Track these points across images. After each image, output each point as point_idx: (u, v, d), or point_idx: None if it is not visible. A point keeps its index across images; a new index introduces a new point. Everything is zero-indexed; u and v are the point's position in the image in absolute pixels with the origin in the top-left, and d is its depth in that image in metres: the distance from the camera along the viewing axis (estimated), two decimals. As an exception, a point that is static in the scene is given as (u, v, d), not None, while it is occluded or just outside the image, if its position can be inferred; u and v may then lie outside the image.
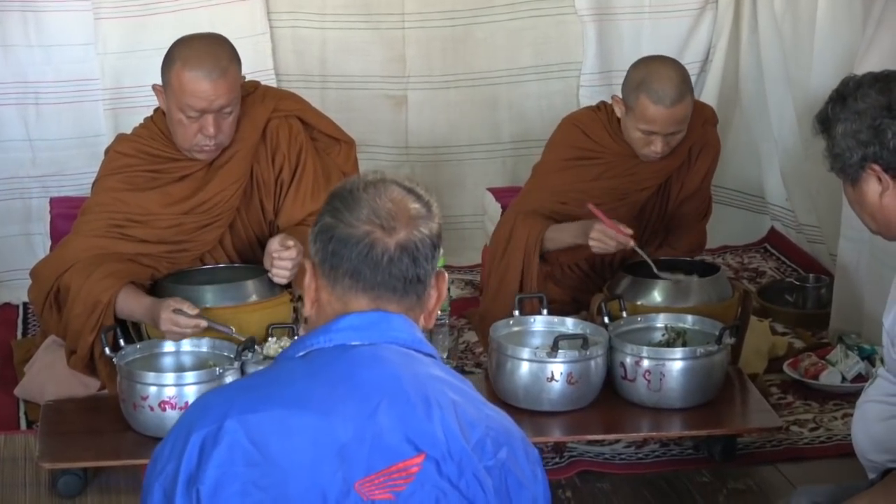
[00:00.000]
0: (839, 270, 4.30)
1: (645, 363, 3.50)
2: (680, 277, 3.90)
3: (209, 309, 3.54)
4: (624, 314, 3.71)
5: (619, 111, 4.00)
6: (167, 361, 3.51)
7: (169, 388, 3.31)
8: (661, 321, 3.71)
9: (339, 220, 1.89)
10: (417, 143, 5.17)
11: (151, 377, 3.33)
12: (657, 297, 3.82)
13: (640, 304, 3.79)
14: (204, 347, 3.51)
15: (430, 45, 5.10)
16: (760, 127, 5.13)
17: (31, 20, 4.71)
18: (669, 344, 3.64)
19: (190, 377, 3.34)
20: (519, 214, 4.07)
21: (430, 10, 5.06)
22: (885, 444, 2.68)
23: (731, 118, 5.19)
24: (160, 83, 3.64)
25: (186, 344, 3.51)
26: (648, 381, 3.49)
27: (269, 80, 4.73)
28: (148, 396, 3.30)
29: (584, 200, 4.05)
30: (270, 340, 3.53)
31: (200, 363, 3.48)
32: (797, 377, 3.98)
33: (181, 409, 3.26)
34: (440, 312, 2.67)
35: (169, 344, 3.51)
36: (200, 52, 3.58)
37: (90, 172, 3.96)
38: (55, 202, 4.55)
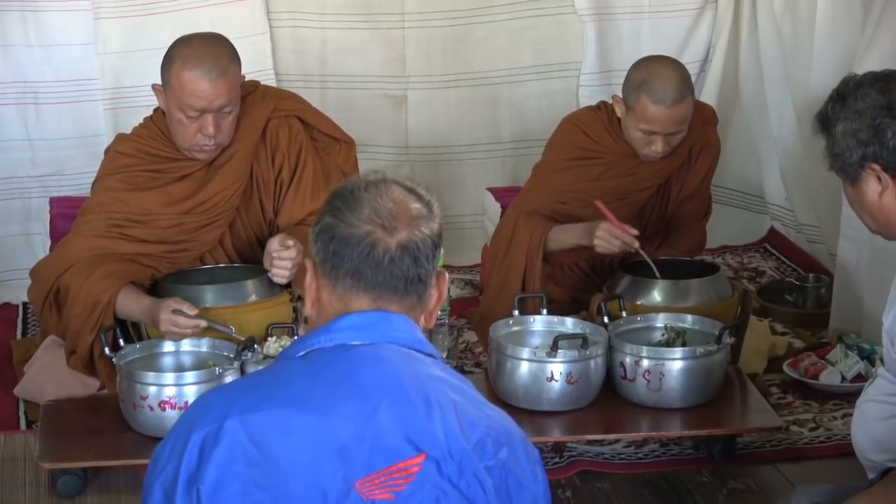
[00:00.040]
0: (839, 270, 4.30)
1: (644, 363, 3.50)
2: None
3: (209, 309, 3.54)
4: (623, 314, 3.71)
5: (619, 111, 4.00)
6: (167, 361, 3.51)
7: (169, 387, 3.31)
8: (660, 321, 3.71)
9: (340, 219, 1.89)
10: (417, 142, 5.17)
11: (151, 377, 3.33)
12: (657, 296, 3.82)
13: (639, 303, 3.78)
14: (204, 347, 3.51)
15: (429, 44, 5.09)
16: (760, 127, 5.13)
17: (30, 20, 4.71)
18: (669, 344, 3.64)
19: (189, 377, 3.34)
20: (521, 215, 4.07)
21: (429, 9, 5.05)
22: (884, 443, 2.68)
23: (730, 118, 5.18)
24: (160, 83, 3.64)
25: (186, 344, 3.51)
26: (648, 380, 3.49)
27: (268, 79, 4.73)
28: (147, 396, 3.30)
29: (584, 200, 4.05)
30: (270, 340, 3.53)
31: (200, 363, 3.48)
32: (797, 377, 3.98)
33: (181, 408, 3.26)
34: (440, 312, 2.66)
35: (168, 344, 3.51)
36: (200, 51, 3.58)
37: (90, 172, 3.96)
38: (55, 202, 4.54)
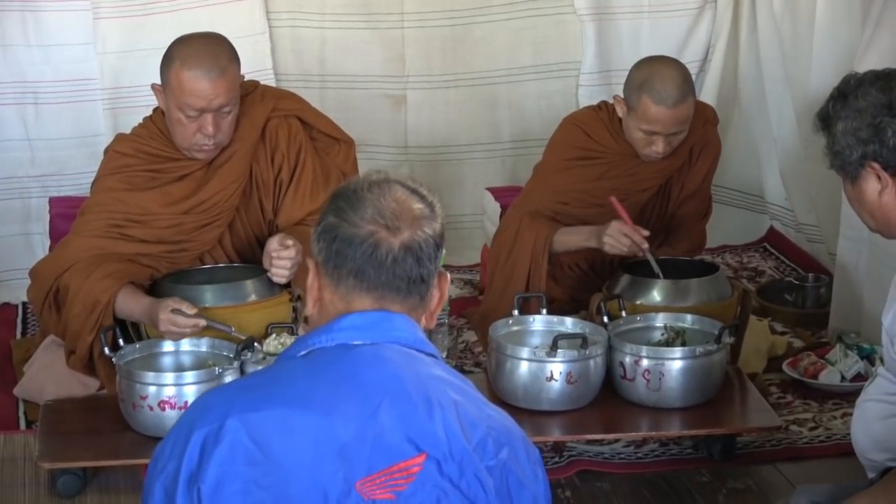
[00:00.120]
0: (838, 270, 4.30)
1: (644, 363, 3.50)
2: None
3: (208, 308, 3.54)
4: (623, 314, 3.70)
5: (620, 111, 4.00)
6: (166, 361, 3.51)
7: (168, 387, 3.31)
8: (660, 320, 3.71)
9: (343, 219, 1.89)
10: (417, 142, 5.17)
11: (151, 377, 3.33)
12: (656, 296, 3.82)
13: (639, 303, 3.78)
14: (203, 347, 3.51)
15: (429, 44, 5.09)
16: (759, 126, 5.13)
17: (30, 20, 4.70)
18: (669, 343, 3.64)
19: (189, 377, 3.33)
20: (524, 216, 4.06)
21: (429, 9, 5.05)
22: (884, 442, 2.68)
23: (730, 118, 5.18)
24: (159, 83, 3.64)
25: (186, 344, 3.51)
26: (648, 380, 3.49)
27: (268, 79, 4.73)
28: (147, 396, 3.30)
29: (585, 200, 4.05)
30: (270, 337, 3.53)
31: (200, 363, 3.48)
32: (796, 376, 3.98)
33: (180, 408, 3.26)
34: (440, 312, 2.67)
35: (168, 344, 3.51)
36: (199, 51, 3.57)
37: (89, 172, 3.96)
38: (54, 202, 4.54)
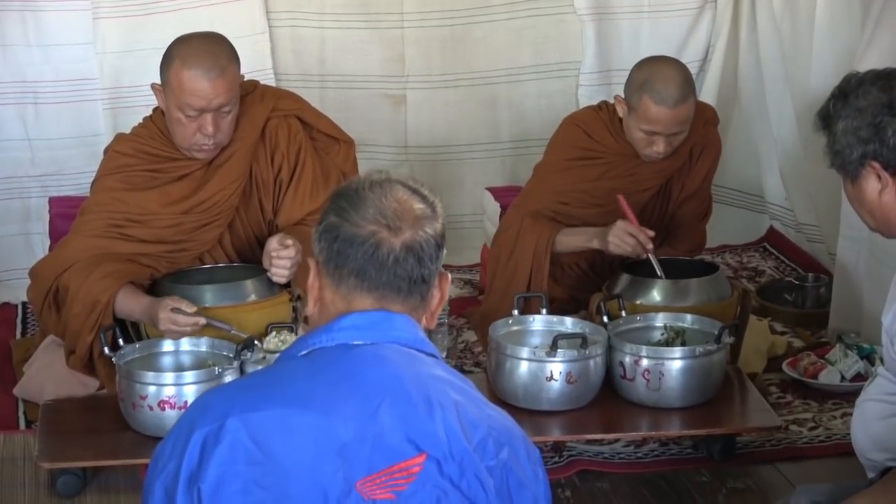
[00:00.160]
0: (838, 269, 4.30)
1: (644, 362, 3.50)
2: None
3: (208, 308, 3.54)
4: (623, 313, 3.70)
5: (621, 111, 3.99)
6: (166, 361, 3.50)
7: (168, 387, 3.31)
8: (660, 320, 3.71)
9: (344, 219, 1.89)
10: (416, 142, 5.17)
11: (150, 377, 3.33)
12: (656, 296, 3.81)
13: (639, 303, 3.78)
14: (203, 347, 3.51)
15: (429, 44, 5.09)
16: (759, 126, 5.13)
17: (30, 19, 4.70)
18: (668, 343, 3.64)
19: (189, 377, 3.33)
20: (526, 216, 4.05)
21: (428, 9, 5.05)
22: (884, 442, 2.68)
23: (730, 118, 5.18)
24: (159, 82, 3.64)
25: (185, 343, 3.51)
26: (647, 380, 3.49)
27: (267, 79, 4.73)
28: (147, 396, 3.30)
29: (585, 200, 4.05)
30: (270, 335, 3.52)
31: (199, 363, 3.47)
32: (796, 376, 3.98)
33: (180, 408, 3.26)
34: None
35: (168, 343, 3.51)
36: (199, 50, 3.57)
37: (89, 172, 3.96)
38: (54, 202, 4.54)
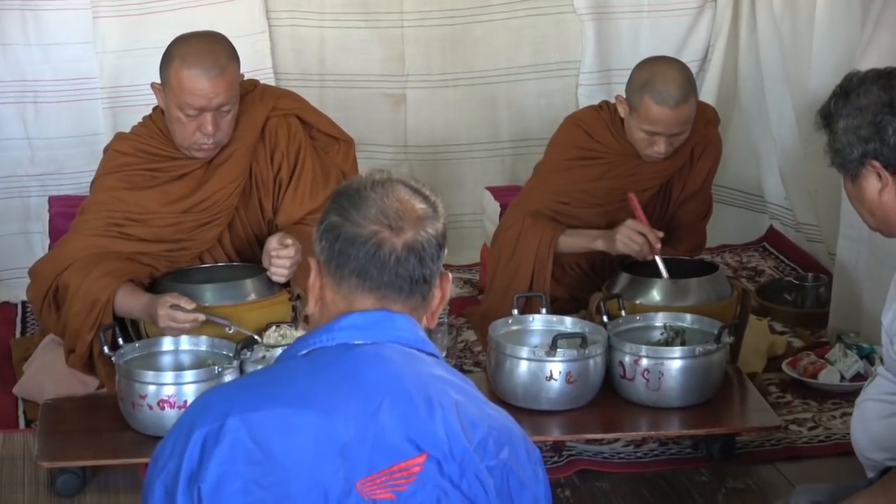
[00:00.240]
0: (838, 269, 4.30)
1: (644, 362, 3.50)
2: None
3: (208, 308, 3.53)
4: (623, 313, 3.70)
5: (622, 111, 3.99)
6: (166, 360, 3.50)
7: (168, 386, 3.30)
8: (659, 320, 3.70)
9: (346, 218, 1.89)
10: (416, 141, 5.17)
11: (150, 376, 3.33)
12: (656, 296, 3.81)
13: (638, 302, 3.78)
14: (203, 346, 3.50)
15: (428, 43, 5.09)
16: (759, 126, 5.13)
17: (29, 19, 4.70)
18: (668, 343, 3.64)
19: (188, 376, 3.32)
20: (527, 216, 4.05)
21: (428, 8, 5.05)
22: (884, 442, 2.68)
23: (730, 117, 5.18)
24: (159, 81, 3.63)
25: (185, 343, 3.50)
26: (647, 380, 3.49)
27: (267, 78, 4.73)
28: (146, 395, 3.30)
29: (586, 200, 4.05)
30: (270, 330, 3.52)
31: (199, 362, 3.47)
32: (796, 376, 3.98)
33: (180, 407, 3.26)
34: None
35: (167, 343, 3.50)
36: (199, 50, 3.57)
37: (89, 171, 3.95)
38: (54, 201, 4.54)
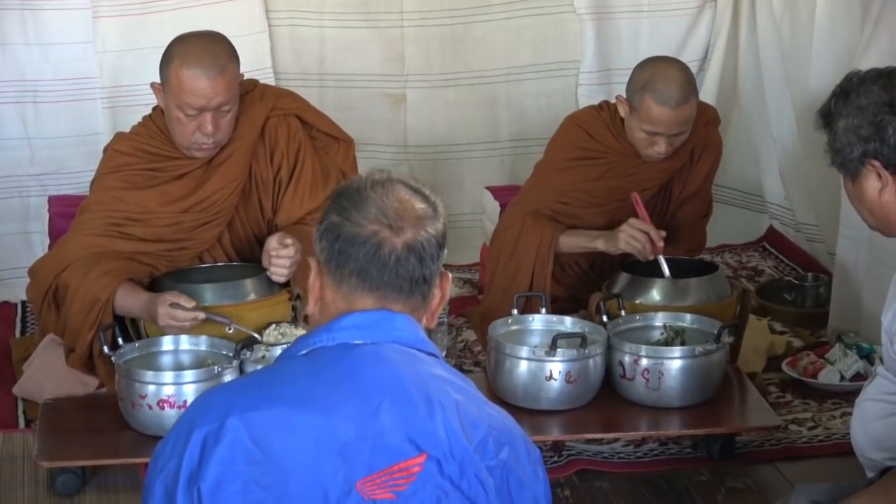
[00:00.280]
0: (838, 269, 4.30)
1: (643, 362, 3.50)
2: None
3: (208, 308, 3.53)
4: (622, 313, 3.70)
5: (623, 111, 3.99)
6: (166, 360, 3.50)
7: (167, 386, 3.30)
8: (659, 320, 3.70)
9: (346, 218, 1.89)
10: (416, 141, 5.17)
11: (150, 376, 3.33)
12: (656, 295, 3.81)
13: (638, 302, 3.78)
14: (202, 346, 3.50)
15: (428, 43, 5.09)
16: (759, 126, 5.13)
17: (29, 18, 4.70)
18: (668, 343, 3.64)
19: (188, 376, 3.32)
20: (528, 216, 4.04)
21: (428, 8, 5.05)
22: (883, 442, 2.68)
23: (729, 117, 5.18)
24: (158, 81, 3.63)
25: (185, 342, 3.50)
26: (647, 379, 3.49)
27: (267, 78, 4.73)
28: (146, 395, 3.30)
29: (585, 200, 4.05)
30: (270, 328, 3.52)
31: (199, 362, 3.47)
32: (796, 376, 3.98)
33: (180, 407, 3.26)
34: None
35: (167, 342, 3.50)
36: (199, 49, 3.57)
37: (89, 171, 3.95)
38: (53, 200, 4.54)
